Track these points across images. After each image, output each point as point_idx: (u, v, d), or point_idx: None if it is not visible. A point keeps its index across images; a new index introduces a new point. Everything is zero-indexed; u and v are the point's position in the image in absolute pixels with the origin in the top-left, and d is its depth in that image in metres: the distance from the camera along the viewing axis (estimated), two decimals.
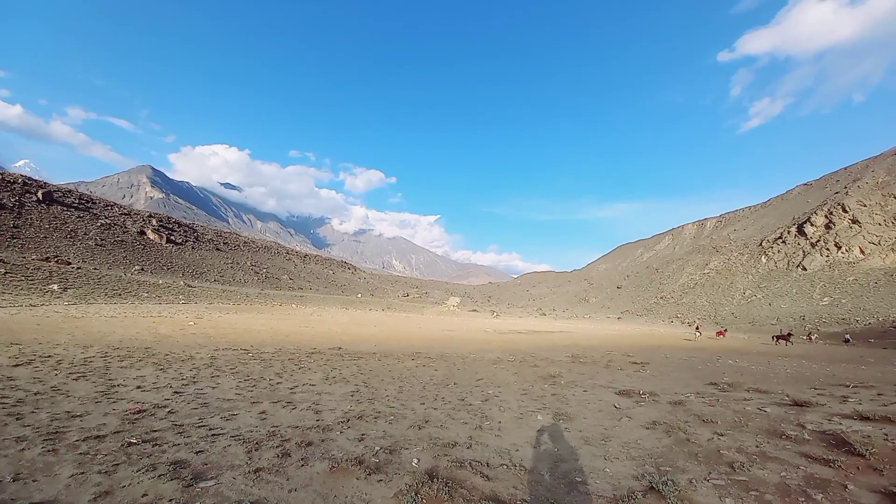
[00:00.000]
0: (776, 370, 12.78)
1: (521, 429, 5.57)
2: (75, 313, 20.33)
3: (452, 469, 4.02)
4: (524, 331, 33.01)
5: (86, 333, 13.45)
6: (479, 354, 14.64)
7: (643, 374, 10.95)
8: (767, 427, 5.36)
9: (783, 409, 6.41)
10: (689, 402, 7.11)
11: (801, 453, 4.38)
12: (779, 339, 28.45)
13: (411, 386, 8.27)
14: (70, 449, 4.06)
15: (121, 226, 70.99)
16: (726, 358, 16.51)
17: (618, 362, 13.43)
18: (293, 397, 6.82)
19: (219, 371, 8.64)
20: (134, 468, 3.69)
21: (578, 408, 6.78)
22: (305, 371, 9.33)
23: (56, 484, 3.38)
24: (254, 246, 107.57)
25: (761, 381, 9.95)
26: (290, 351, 12.66)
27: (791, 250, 71.26)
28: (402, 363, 11.41)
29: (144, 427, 4.85)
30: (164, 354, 10.31)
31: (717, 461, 4.27)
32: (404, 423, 5.58)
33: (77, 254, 52.64)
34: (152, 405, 5.81)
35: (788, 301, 57.43)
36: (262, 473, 3.75)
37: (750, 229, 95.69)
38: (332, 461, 4.09)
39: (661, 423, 5.77)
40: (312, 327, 23.39)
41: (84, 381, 6.95)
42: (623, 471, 4.12)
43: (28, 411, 5.17)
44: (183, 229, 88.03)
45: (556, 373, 10.56)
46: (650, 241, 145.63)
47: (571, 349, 18.30)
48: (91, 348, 10.46)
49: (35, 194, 61.32)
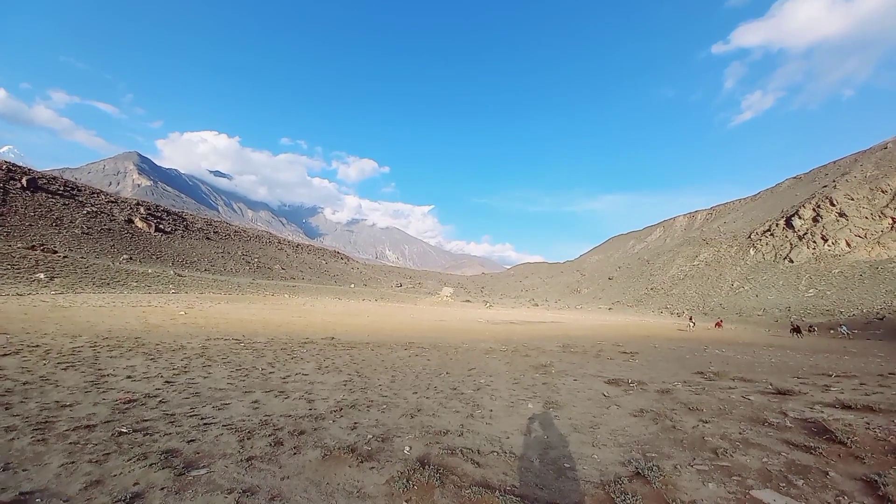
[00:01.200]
0: (761, 360, 13.09)
1: (512, 417, 5.66)
2: (63, 303, 20.04)
3: (444, 456, 4.08)
4: (517, 321, 33.30)
5: (74, 323, 13.28)
6: (472, 344, 14.76)
7: (632, 364, 11.14)
8: (751, 415, 5.50)
9: (766, 397, 6.59)
10: (676, 390, 7.27)
11: (783, 440, 4.50)
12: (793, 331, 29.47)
13: (404, 375, 8.33)
14: (60, 438, 4.04)
15: (108, 214, 69.69)
16: (713, 348, 16.85)
17: (608, 352, 13.65)
18: (285, 387, 6.83)
19: (210, 361, 8.61)
20: (125, 457, 3.68)
21: (568, 396, 6.90)
22: (298, 361, 9.34)
23: (46, 473, 3.36)
24: (245, 235, 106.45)
25: (746, 371, 10.19)
26: (283, 341, 12.64)
27: (779, 243, 72.38)
28: (395, 353, 11.47)
29: (135, 417, 4.84)
30: (155, 344, 10.23)
31: (701, 447, 4.39)
32: (397, 412, 5.63)
33: (63, 242, 51.66)
34: (143, 395, 5.79)
35: (775, 292, 58.54)
36: (255, 462, 3.77)
37: (739, 222, 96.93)
38: (325, 449, 4.12)
39: (648, 410, 5.90)
40: (305, 317, 23.35)
41: (73, 371, 6.89)
42: (610, 457, 4.22)
43: (17, 401, 5.12)
44: (172, 218, 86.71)
45: (547, 362, 10.71)
46: (642, 232, 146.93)
47: (563, 339, 18.53)
48: (80, 338, 10.34)
49: (19, 181, 59.82)
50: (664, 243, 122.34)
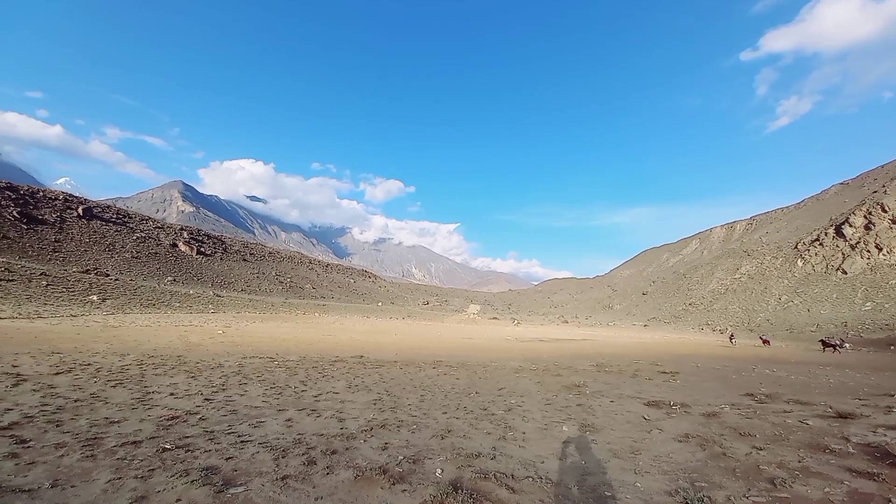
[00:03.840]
0: (817, 380, 12.08)
1: (546, 440, 5.45)
2: (113, 323, 21.32)
3: (477, 480, 3.97)
4: (546, 339, 32.44)
5: (122, 342, 14.07)
6: (501, 363, 14.46)
7: (673, 385, 10.55)
8: (809, 441, 5.06)
9: (826, 421, 6.04)
10: (723, 413, 6.80)
11: (844, 467, 4.14)
12: (826, 347, 27.13)
13: (433, 395, 8.25)
14: (108, 454, 4.22)
15: (155, 239, 74.30)
16: (762, 367, 15.72)
17: (645, 371, 13.00)
18: (317, 405, 6.91)
19: (246, 379, 8.86)
20: (168, 473, 3.80)
21: (605, 419, 6.59)
22: (329, 379, 9.45)
23: (93, 489, 3.47)
24: (278, 256, 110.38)
25: (801, 392, 9.42)
26: (314, 359, 12.86)
27: (829, 253, 67.57)
28: (424, 371, 11.40)
29: (178, 433, 5.01)
30: (195, 362, 10.65)
31: (756, 477, 4.05)
32: (427, 433, 5.55)
33: (115, 266, 55.37)
34: (185, 412, 6.00)
35: (829, 306, 54.33)
36: (289, 481, 3.80)
37: (783, 231, 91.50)
38: (357, 470, 4.11)
39: (693, 435, 5.53)
40: (335, 335, 23.71)
41: (121, 388, 7.25)
42: (655, 486, 3.96)
43: (67, 418, 5.36)
44: (212, 241, 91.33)
45: (580, 382, 10.31)
46: (676, 245, 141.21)
47: (596, 358, 17.85)
48: (127, 356, 10.92)
49: (76, 210, 65.03)
50: (701, 256, 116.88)
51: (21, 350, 10.60)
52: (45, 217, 58.45)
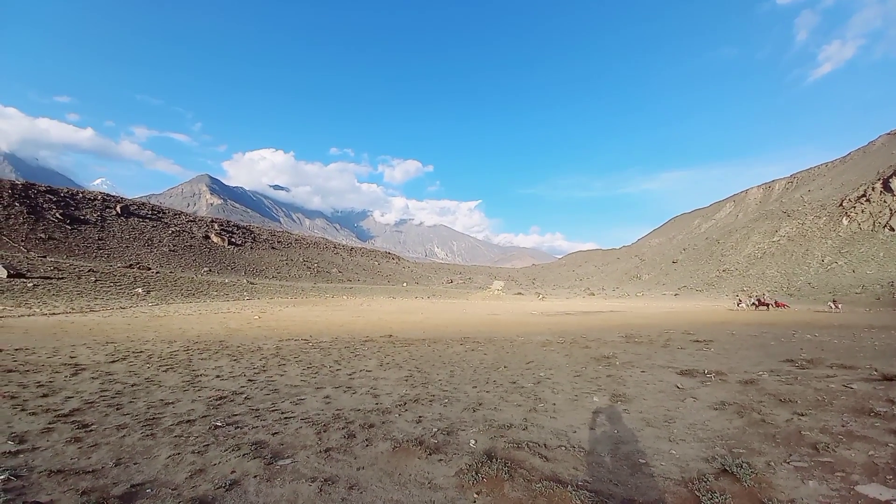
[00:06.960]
0: (863, 343, 11.52)
1: (577, 411, 5.50)
2: (158, 313, 22.69)
3: (510, 450, 4.08)
4: (572, 312, 32.23)
5: (169, 330, 15.01)
6: (528, 337, 14.53)
7: (707, 353, 10.33)
8: (854, 405, 4.88)
9: (871, 384, 5.80)
10: (761, 380, 6.63)
11: (890, 430, 4.02)
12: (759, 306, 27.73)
13: (462, 370, 8.42)
14: (165, 433, 4.57)
15: (188, 232, 77.61)
16: (803, 332, 15.12)
17: (677, 341, 12.76)
18: (352, 382, 7.20)
19: (284, 360, 9.30)
20: (221, 448, 4.10)
21: (636, 389, 6.56)
22: (361, 358, 9.79)
23: (155, 465, 3.76)
24: (304, 243, 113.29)
25: (846, 357, 9.02)
26: (346, 340, 13.32)
27: (876, 209, 63.04)
28: (451, 348, 11.62)
29: (226, 412, 5.36)
30: (236, 346, 11.26)
31: (797, 442, 3.97)
32: (458, 406, 5.71)
33: (154, 259, 58.43)
34: (231, 392, 6.40)
35: (875, 266, 51.14)
36: (332, 453, 4.03)
37: (827, 188, 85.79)
38: (394, 441, 4.29)
39: (730, 403, 5.44)
40: (363, 317, 24.40)
41: (172, 373, 7.79)
42: (690, 453, 3.95)
43: (126, 401, 5.81)
44: (241, 231, 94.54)
45: (609, 354, 10.25)
46: (708, 209, 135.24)
47: (624, 329, 17.63)
48: (175, 343, 11.66)
49: (114, 209, 68.46)
50: (736, 219, 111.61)
51: (77, 342, 11.48)
52: (87, 217, 61.89)
